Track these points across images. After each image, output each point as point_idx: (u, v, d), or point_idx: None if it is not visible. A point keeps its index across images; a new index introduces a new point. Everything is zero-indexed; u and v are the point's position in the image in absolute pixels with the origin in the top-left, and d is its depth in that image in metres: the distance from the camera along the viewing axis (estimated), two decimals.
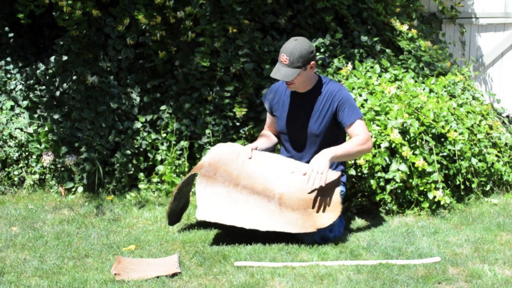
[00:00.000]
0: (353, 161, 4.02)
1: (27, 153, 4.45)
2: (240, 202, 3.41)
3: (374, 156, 3.96)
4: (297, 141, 3.67)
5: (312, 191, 3.37)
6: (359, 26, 5.00)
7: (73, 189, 4.31)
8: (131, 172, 4.39)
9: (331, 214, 3.36)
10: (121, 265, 3.01)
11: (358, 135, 3.48)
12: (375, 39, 4.94)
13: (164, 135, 4.47)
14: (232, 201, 3.42)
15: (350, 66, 4.63)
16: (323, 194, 3.39)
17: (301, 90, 3.62)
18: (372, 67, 4.71)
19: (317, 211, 3.36)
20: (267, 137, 3.82)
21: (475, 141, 4.44)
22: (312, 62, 3.51)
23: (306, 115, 3.60)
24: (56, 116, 4.41)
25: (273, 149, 3.83)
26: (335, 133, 3.62)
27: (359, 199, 4.07)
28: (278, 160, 3.58)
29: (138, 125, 4.46)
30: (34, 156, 4.42)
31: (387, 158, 3.96)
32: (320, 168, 3.33)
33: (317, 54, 4.73)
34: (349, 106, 3.52)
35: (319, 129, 3.58)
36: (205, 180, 3.45)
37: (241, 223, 3.35)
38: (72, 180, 4.33)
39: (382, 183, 3.98)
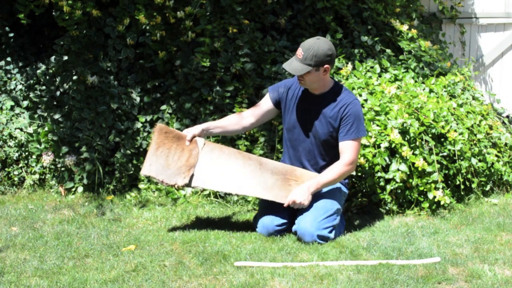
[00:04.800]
0: None
1: (27, 153, 4.45)
2: (222, 161, 3.57)
3: (374, 156, 3.96)
4: (301, 141, 3.64)
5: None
6: (359, 26, 5.00)
7: (73, 189, 4.31)
8: (131, 172, 4.39)
9: None
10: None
11: (342, 159, 3.53)
12: (375, 39, 4.94)
13: None
14: (215, 161, 3.57)
15: (350, 66, 4.62)
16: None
17: (314, 91, 3.60)
18: (372, 67, 4.71)
19: (296, 180, 3.52)
20: (228, 119, 3.75)
21: (475, 141, 4.44)
22: (326, 66, 3.47)
23: (315, 117, 3.59)
24: (56, 116, 4.41)
25: (228, 134, 3.89)
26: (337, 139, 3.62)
27: (359, 199, 4.07)
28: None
29: (138, 125, 4.45)
30: (34, 156, 4.42)
31: (387, 158, 3.96)
32: (302, 199, 3.46)
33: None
34: (354, 123, 3.52)
35: (325, 134, 3.57)
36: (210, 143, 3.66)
37: (219, 187, 3.55)
38: (72, 180, 4.33)
39: (382, 183, 3.98)
